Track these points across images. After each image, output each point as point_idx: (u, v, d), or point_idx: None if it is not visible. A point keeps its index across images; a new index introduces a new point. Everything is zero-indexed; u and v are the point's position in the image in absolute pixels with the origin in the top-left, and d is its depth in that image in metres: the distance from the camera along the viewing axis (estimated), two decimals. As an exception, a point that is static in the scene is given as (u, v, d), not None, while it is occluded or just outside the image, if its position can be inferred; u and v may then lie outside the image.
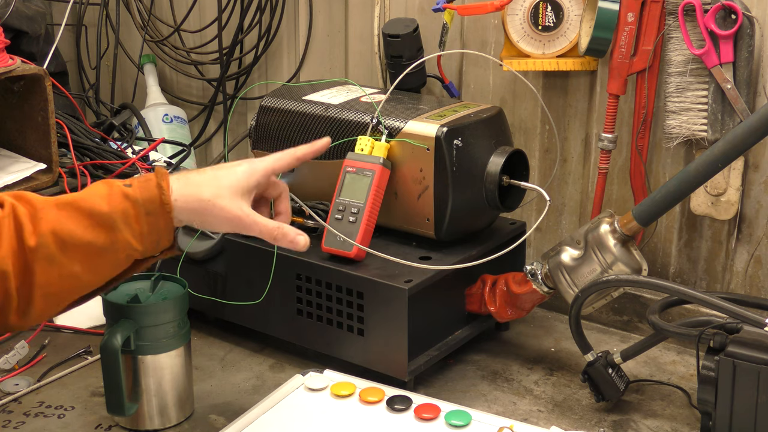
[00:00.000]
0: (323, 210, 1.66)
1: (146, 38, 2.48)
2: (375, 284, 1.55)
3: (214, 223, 1.19)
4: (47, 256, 1.09)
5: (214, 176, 1.20)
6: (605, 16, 1.67)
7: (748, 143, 1.43)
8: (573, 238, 1.57)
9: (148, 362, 1.48)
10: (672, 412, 1.57)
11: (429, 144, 1.60)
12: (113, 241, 1.12)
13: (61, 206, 1.11)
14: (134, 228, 1.13)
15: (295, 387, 1.50)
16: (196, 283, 1.74)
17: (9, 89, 1.90)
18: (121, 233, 1.12)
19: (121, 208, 1.12)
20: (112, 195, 1.13)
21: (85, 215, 1.11)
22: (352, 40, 2.16)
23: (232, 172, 1.20)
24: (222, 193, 1.18)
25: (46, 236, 1.09)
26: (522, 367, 1.71)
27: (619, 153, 1.81)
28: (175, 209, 1.15)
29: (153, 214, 1.14)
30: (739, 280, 1.75)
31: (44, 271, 1.10)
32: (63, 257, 1.10)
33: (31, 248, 1.09)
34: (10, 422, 1.53)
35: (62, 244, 1.10)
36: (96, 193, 1.13)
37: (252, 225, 1.20)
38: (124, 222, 1.12)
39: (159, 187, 1.14)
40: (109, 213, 1.12)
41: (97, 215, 1.11)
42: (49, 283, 1.11)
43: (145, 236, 1.14)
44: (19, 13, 2.14)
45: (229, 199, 1.18)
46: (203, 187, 1.18)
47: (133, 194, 1.13)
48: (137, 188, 1.14)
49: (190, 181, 1.18)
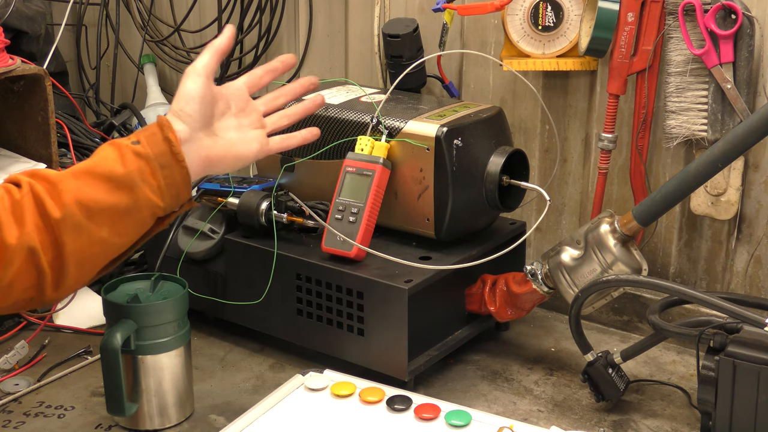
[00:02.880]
0: (323, 210, 1.66)
1: (146, 38, 2.48)
2: (375, 284, 1.55)
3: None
4: (75, 225, 1.11)
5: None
6: (605, 16, 1.67)
7: (748, 143, 1.43)
8: (573, 238, 1.57)
9: (148, 362, 1.48)
10: (672, 412, 1.57)
11: (429, 144, 1.60)
12: (135, 200, 1.14)
13: (78, 175, 1.13)
14: (152, 184, 1.14)
15: (295, 387, 1.50)
16: (196, 283, 1.74)
17: (9, 89, 1.90)
18: (142, 191, 1.14)
19: (136, 166, 1.13)
20: (124, 155, 1.14)
21: (104, 180, 1.12)
22: (352, 40, 2.16)
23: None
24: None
25: (70, 206, 1.10)
26: (522, 367, 1.71)
27: (619, 153, 1.81)
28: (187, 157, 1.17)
29: (167, 167, 1.15)
30: (739, 280, 1.75)
31: (74, 240, 1.11)
32: (90, 224, 1.12)
33: (58, 220, 1.10)
34: (10, 422, 1.53)
35: (87, 211, 1.11)
36: (108, 157, 1.14)
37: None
38: (142, 180, 1.14)
39: (167, 140, 1.15)
40: (127, 173, 1.13)
41: (115, 178, 1.13)
42: (80, 250, 1.12)
43: (164, 190, 1.15)
44: (19, 13, 2.14)
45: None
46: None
47: (144, 151, 1.14)
48: (146, 144, 1.15)
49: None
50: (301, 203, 1.66)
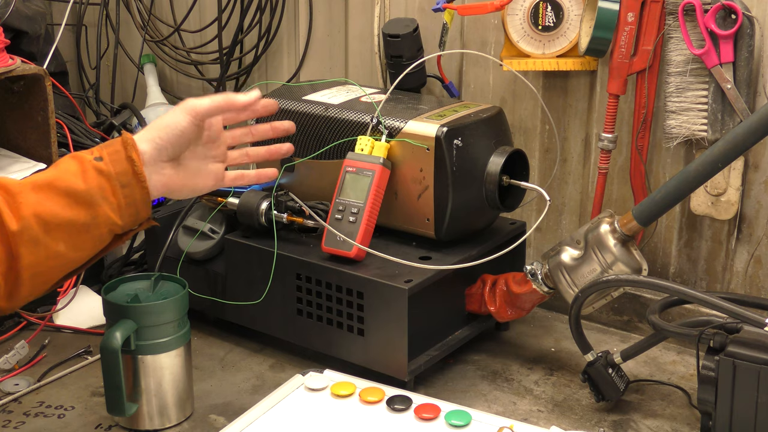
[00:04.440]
0: (323, 210, 1.66)
1: (146, 38, 2.48)
2: (375, 284, 1.55)
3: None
4: (32, 239, 1.11)
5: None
6: (605, 16, 1.67)
7: (748, 143, 1.43)
8: (573, 238, 1.57)
9: (148, 362, 1.48)
10: (672, 412, 1.57)
11: (429, 144, 1.60)
12: (94, 217, 1.15)
13: (38, 188, 1.13)
14: (112, 202, 1.15)
15: (295, 387, 1.50)
16: (196, 283, 1.74)
17: (9, 89, 1.90)
18: (101, 208, 1.14)
19: (96, 183, 1.14)
20: (86, 171, 1.14)
21: (63, 194, 1.13)
22: (352, 40, 2.16)
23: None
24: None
25: (28, 219, 1.11)
26: (522, 367, 1.71)
27: (619, 153, 1.81)
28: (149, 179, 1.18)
29: (128, 186, 1.16)
30: (739, 280, 1.75)
31: (30, 253, 1.11)
32: (47, 238, 1.12)
33: (14, 233, 1.10)
34: (10, 422, 1.53)
35: (45, 225, 1.12)
36: (69, 171, 1.15)
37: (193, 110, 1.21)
38: (102, 197, 1.14)
39: (130, 159, 1.16)
40: (87, 190, 1.14)
41: (75, 193, 1.13)
42: (36, 263, 1.12)
43: (124, 209, 1.16)
44: (19, 13, 2.14)
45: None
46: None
47: (106, 169, 1.15)
48: (108, 162, 1.15)
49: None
50: (301, 203, 1.66)
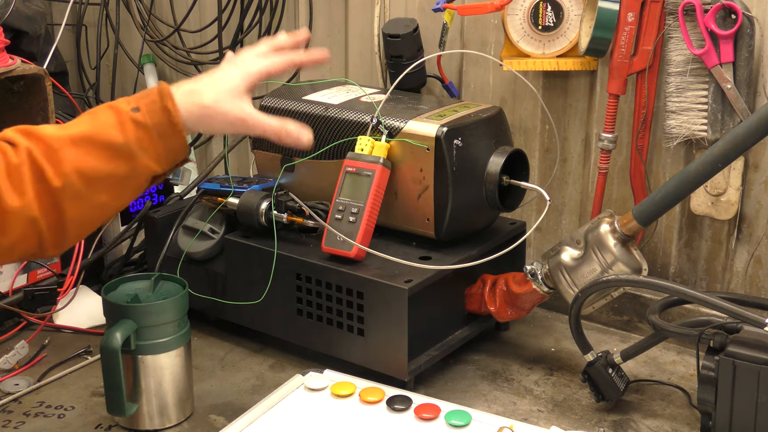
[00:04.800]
0: (323, 210, 1.66)
1: (146, 38, 2.48)
2: (375, 284, 1.55)
3: (218, 128, 1.22)
4: (75, 194, 1.12)
5: (212, 81, 1.22)
6: (605, 16, 1.67)
7: (748, 143, 1.43)
8: (573, 238, 1.57)
9: (148, 362, 1.48)
10: (672, 412, 1.57)
11: (429, 144, 1.60)
12: (134, 168, 1.15)
13: (78, 142, 1.13)
14: (151, 152, 1.15)
15: (295, 387, 1.50)
16: (196, 283, 1.74)
17: (9, 89, 1.90)
18: (140, 159, 1.15)
19: (134, 136, 1.14)
20: (124, 123, 1.14)
21: (102, 148, 1.13)
22: (352, 40, 2.16)
23: (229, 76, 1.23)
24: (222, 98, 1.20)
25: (70, 175, 1.11)
26: (522, 367, 1.71)
27: (619, 153, 1.81)
28: (185, 123, 1.18)
29: (166, 136, 1.16)
30: (739, 280, 1.75)
31: (73, 206, 1.13)
32: (90, 191, 1.13)
33: (58, 188, 1.11)
34: (10, 422, 1.53)
35: (87, 179, 1.13)
36: (107, 123, 1.15)
37: (256, 124, 1.23)
38: (141, 148, 1.15)
39: (166, 109, 1.16)
40: (125, 142, 1.14)
41: (114, 146, 1.14)
42: (80, 215, 1.14)
43: (162, 157, 1.17)
44: (19, 13, 2.14)
45: (230, 102, 1.21)
46: (204, 94, 1.20)
47: (143, 120, 1.15)
48: (145, 113, 1.15)
49: (191, 91, 1.20)
50: (301, 203, 1.66)
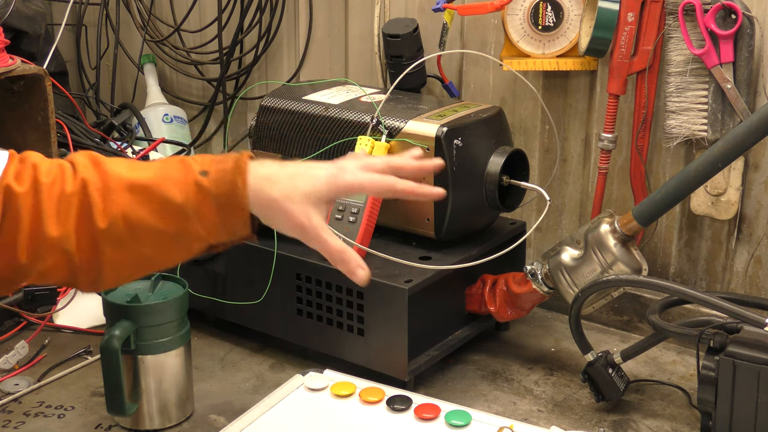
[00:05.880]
0: (323, 210, 1.65)
1: (146, 38, 2.48)
2: (375, 284, 1.55)
3: (277, 224, 1.12)
4: (116, 239, 1.07)
5: (293, 175, 1.11)
6: (605, 16, 1.67)
7: (748, 143, 1.43)
8: (573, 238, 1.57)
9: (148, 362, 1.48)
10: (672, 412, 1.57)
11: (429, 144, 1.60)
12: (185, 230, 1.09)
13: (135, 190, 1.08)
14: (206, 221, 1.08)
15: (295, 387, 1.50)
16: (196, 283, 1.73)
17: (9, 89, 1.90)
18: (193, 225, 1.08)
19: (193, 199, 1.08)
20: (187, 183, 1.08)
21: (157, 202, 1.08)
22: (352, 40, 2.16)
23: (313, 177, 1.11)
24: (293, 196, 1.10)
25: (116, 220, 1.06)
26: (522, 367, 1.71)
27: (619, 153, 1.81)
28: (249, 206, 1.09)
29: (225, 209, 1.08)
30: (739, 280, 1.75)
31: (113, 251, 1.08)
32: (132, 241, 1.08)
33: (101, 230, 1.06)
34: (10, 422, 1.53)
35: (132, 229, 1.07)
36: (170, 178, 1.09)
37: (315, 238, 1.12)
38: (196, 213, 1.08)
39: (233, 183, 1.08)
40: (182, 204, 1.07)
41: (170, 204, 1.07)
42: (119, 261, 1.09)
43: (219, 229, 1.09)
44: (19, 13, 2.14)
45: (299, 204, 1.10)
46: (276, 185, 1.10)
47: (207, 186, 1.08)
48: (213, 179, 1.08)
49: (268, 176, 1.10)
50: (301, 203, 1.66)
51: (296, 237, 1.13)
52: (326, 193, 1.11)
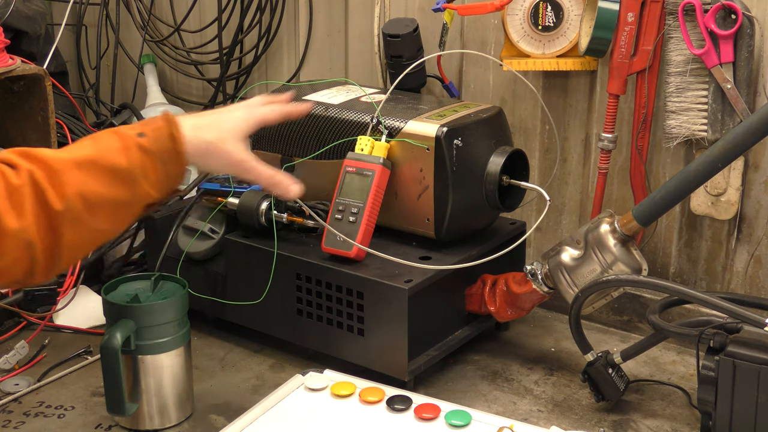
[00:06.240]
0: (323, 210, 1.66)
1: (146, 38, 2.48)
2: (375, 284, 1.55)
3: (215, 165, 1.22)
4: (75, 218, 1.11)
5: (217, 119, 1.23)
6: (605, 16, 1.67)
7: (748, 143, 1.43)
8: (573, 238, 1.57)
9: (148, 362, 1.48)
10: (672, 412, 1.57)
11: (429, 144, 1.60)
12: (134, 194, 1.15)
13: (81, 166, 1.12)
14: (152, 178, 1.15)
15: (295, 387, 1.50)
16: (196, 283, 1.74)
17: (9, 89, 1.90)
18: (141, 186, 1.15)
19: (139, 162, 1.14)
20: (129, 148, 1.14)
21: (106, 173, 1.13)
22: (352, 40, 2.16)
23: (233, 117, 1.24)
24: (225, 137, 1.21)
25: (72, 199, 1.10)
26: (522, 367, 1.71)
27: (619, 153, 1.81)
28: (187, 154, 1.19)
29: (168, 163, 1.16)
30: (739, 280, 1.75)
31: (72, 231, 1.11)
32: (90, 216, 1.12)
33: (58, 212, 1.09)
34: (10, 422, 1.53)
35: (88, 204, 1.11)
36: (111, 147, 1.14)
37: (251, 169, 1.24)
38: (143, 175, 1.14)
39: (172, 137, 1.16)
40: (129, 168, 1.13)
41: (118, 171, 1.13)
42: (77, 240, 1.13)
43: (162, 184, 1.17)
44: (19, 13, 2.14)
45: (231, 143, 1.22)
46: (207, 130, 1.21)
47: (149, 146, 1.15)
48: (152, 139, 1.16)
49: (196, 125, 1.20)
50: (301, 203, 1.66)
51: (231, 173, 1.26)
52: (246, 129, 1.24)
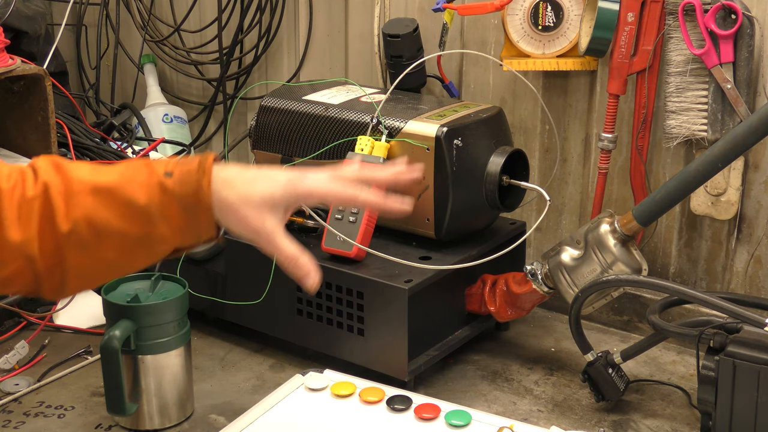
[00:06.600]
0: (323, 210, 1.66)
1: (146, 38, 2.48)
2: (375, 284, 1.55)
3: (232, 227, 1.11)
4: (80, 243, 1.06)
5: (251, 179, 1.11)
6: (605, 16, 1.67)
7: (748, 143, 1.43)
8: (573, 238, 1.57)
9: (148, 362, 1.48)
10: (672, 412, 1.57)
11: (429, 144, 1.60)
12: (150, 233, 1.08)
13: (98, 193, 1.06)
14: (173, 223, 1.08)
15: (295, 387, 1.50)
16: (196, 283, 1.74)
17: (9, 89, 1.90)
18: (158, 227, 1.07)
19: (159, 201, 1.07)
20: (151, 186, 1.07)
21: (121, 204, 1.06)
22: (352, 40, 2.16)
23: (271, 180, 1.11)
24: (249, 200, 1.09)
25: (79, 223, 1.05)
26: (522, 367, 1.71)
27: (619, 153, 1.81)
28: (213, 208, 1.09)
29: (191, 212, 1.08)
30: (739, 280, 1.75)
31: (77, 256, 1.06)
32: (96, 244, 1.06)
33: (64, 234, 1.05)
34: (10, 422, 1.53)
35: (96, 232, 1.06)
36: (134, 180, 1.07)
37: (269, 243, 1.11)
38: (161, 215, 1.07)
39: (198, 185, 1.07)
40: (147, 206, 1.06)
41: (134, 206, 1.06)
42: (83, 266, 1.08)
43: (184, 231, 1.09)
44: (19, 13, 2.14)
45: (254, 209, 1.09)
46: (233, 188, 1.09)
47: (171, 187, 1.07)
48: (177, 180, 1.07)
49: (227, 179, 1.10)
50: (301, 203, 1.66)
51: (251, 241, 1.12)
52: (282, 197, 1.10)
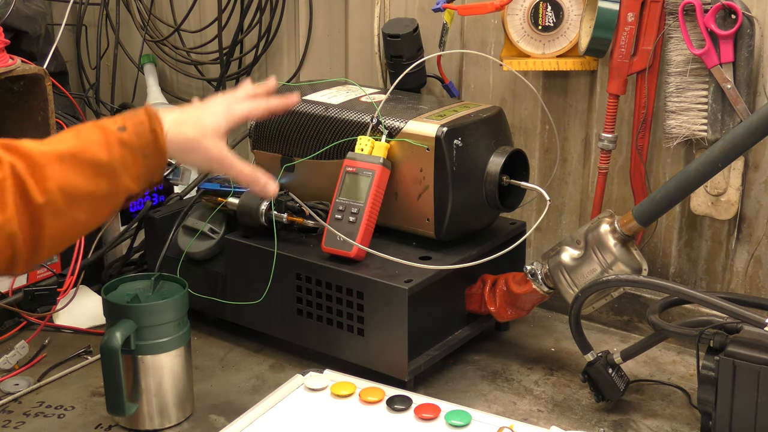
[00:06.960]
0: (323, 210, 1.66)
1: (146, 38, 2.48)
2: (375, 284, 1.55)
3: (195, 161, 1.26)
4: (55, 211, 1.13)
5: (198, 115, 1.26)
6: (605, 16, 1.67)
7: (748, 143, 1.43)
8: (573, 238, 1.57)
9: (148, 362, 1.48)
10: (672, 412, 1.57)
11: (429, 144, 1.60)
12: (115, 187, 1.17)
13: (63, 159, 1.14)
14: (132, 172, 1.18)
15: (295, 387, 1.50)
16: (196, 283, 1.74)
17: (9, 89, 1.90)
18: (121, 179, 1.17)
19: (120, 156, 1.16)
20: (110, 143, 1.16)
21: (87, 166, 1.15)
22: (352, 40, 2.16)
23: (214, 113, 1.27)
24: (205, 133, 1.24)
25: (53, 193, 1.12)
26: (522, 367, 1.71)
27: (619, 153, 1.81)
28: (168, 149, 1.21)
29: (149, 157, 1.19)
30: (739, 280, 1.75)
31: (53, 223, 1.13)
32: (70, 209, 1.14)
33: (39, 205, 1.11)
34: (10, 422, 1.53)
35: (69, 197, 1.13)
36: (92, 141, 1.16)
37: (229, 166, 1.27)
38: (123, 168, 1.17)
39: (153, 131, 1.19)
40: (110, 162, 1.16)
41: (99, 165, 1.15)
42: (58, 232, 1.14)
43: (142, 177, 1.19)
44: (19, 13, 2.14)
45: (210, 139, 1.24)
46: (188, 126, 1.23)
47: (129, 140, 1.17)
48: (132, 133, 1.18)
49: (177, 120, 1.23)
50: (301, 203, 1.66)
51: (210, 169, 1.29)
52: (227, 125, 1.27)
